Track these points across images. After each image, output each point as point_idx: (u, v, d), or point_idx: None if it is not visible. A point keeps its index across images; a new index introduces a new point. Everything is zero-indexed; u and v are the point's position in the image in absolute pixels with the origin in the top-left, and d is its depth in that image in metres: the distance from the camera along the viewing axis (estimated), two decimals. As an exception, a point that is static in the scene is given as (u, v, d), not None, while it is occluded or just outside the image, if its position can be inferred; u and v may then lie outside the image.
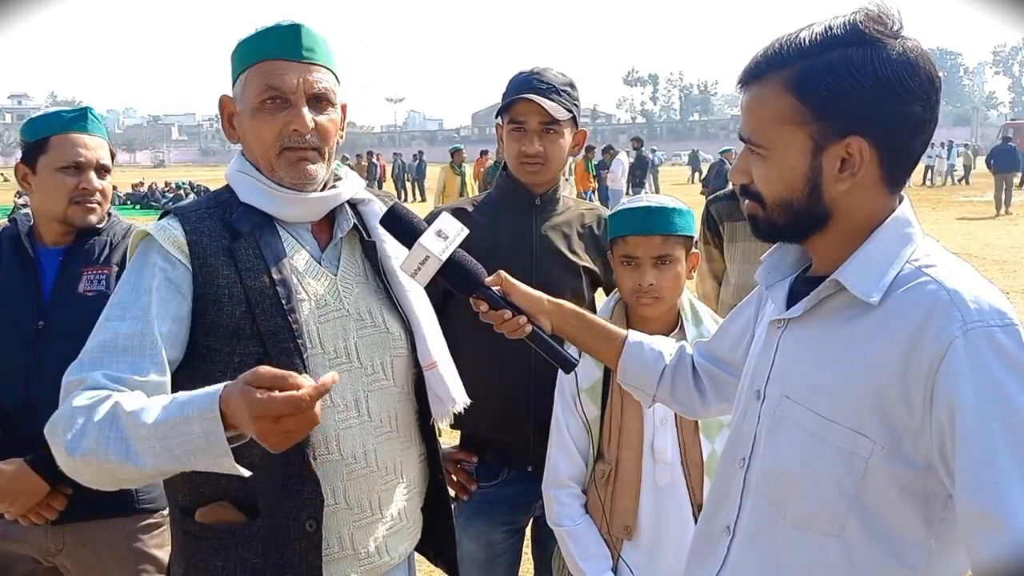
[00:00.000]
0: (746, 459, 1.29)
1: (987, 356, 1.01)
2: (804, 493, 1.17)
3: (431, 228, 1.49)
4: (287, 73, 1.52)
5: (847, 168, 1.14)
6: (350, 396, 1.56)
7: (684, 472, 1.91)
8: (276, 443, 1.20)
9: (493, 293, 1.55)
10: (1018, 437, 0.98)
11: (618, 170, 17.28)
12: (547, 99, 2.09)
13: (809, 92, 1.12)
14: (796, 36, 1.15)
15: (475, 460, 2.23)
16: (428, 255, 1.46)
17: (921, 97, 1.12)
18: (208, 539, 1.50)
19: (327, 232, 1.65)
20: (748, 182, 1.24)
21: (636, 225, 1.94)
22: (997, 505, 0.96)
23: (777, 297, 1.30)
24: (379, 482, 1.59)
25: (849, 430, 1.12)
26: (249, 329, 1.48)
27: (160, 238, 1.49)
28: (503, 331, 1.56)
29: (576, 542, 1.96)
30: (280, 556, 1.49)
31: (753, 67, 1.19)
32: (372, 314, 1.63)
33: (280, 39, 1.53)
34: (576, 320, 1.63)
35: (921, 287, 1.10)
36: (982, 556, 0.98)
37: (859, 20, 1.12)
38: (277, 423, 1.17)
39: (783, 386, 1.24)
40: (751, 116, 1.20)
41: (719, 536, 1.33)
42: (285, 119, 1.52)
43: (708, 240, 3.25)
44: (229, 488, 1.48)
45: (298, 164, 1.55)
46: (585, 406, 1.99)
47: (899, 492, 1.10)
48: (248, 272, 1.50)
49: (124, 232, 2.21)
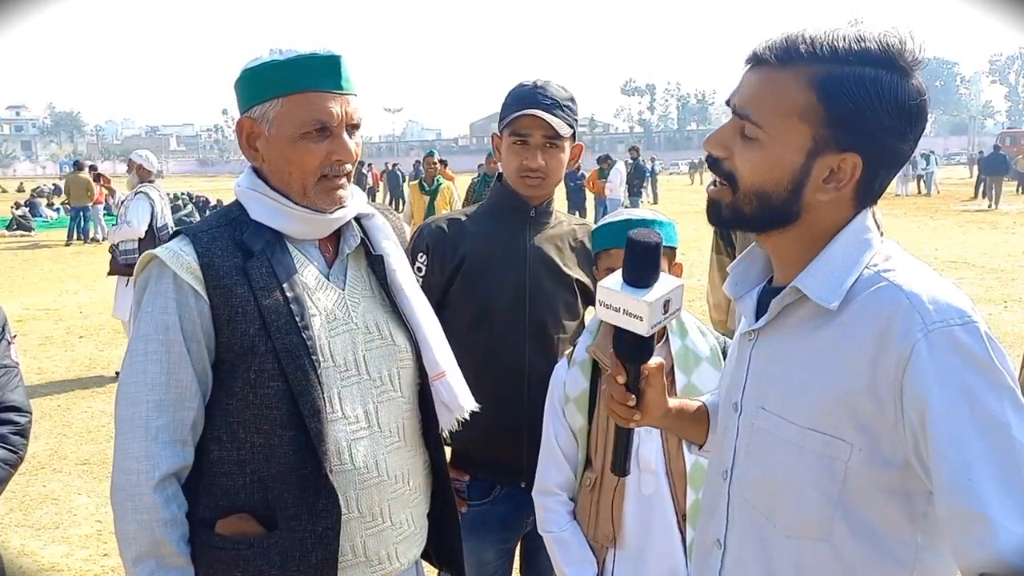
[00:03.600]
0: (728, 472, 1.30)
1: (950, 356, 1.03)
2: (790, 501, 1.19)
3: (660, 293, 1.28)
4: (332, 106, 1.55)
5: (832, 180, 1.15)
6: (360, 408, 1.61)
7: (669, 482, 1.93)
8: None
9: (640, 374, 1.38)
10: (987, 433, 1.00)
11: (616, 179, 17.45)
12: (552, 114, 2.10)
13: (832, 96, 1.11)
14: (830, 36, 1.13)
15: (467, 479, 2.21)
16: (640, 318, 1.27)
17: (915, 137, 1.15)
18: (227, 550, 1.53)
19: (333, 247, 1.68)
20: (725, 157, 1.20)
21: (619, 238, 1.93)
22: (974, 501, 0.98)
23: (746, 309, 1.31)
24: (389, 490, 1.64)
25: (826, 436, 1.13)
26: (264, 345, 1.52)
27: (173, 265, 1.51)
28: (611, 408, 1.41)
29: (562, 548, 1.99)
30: (298, 567, 1.53)
31: (780, 50, 1.14)
32: (379, 327, 1.67)
33: (323, 70, 1.56)
34: (676, 413, 1.49)
35: (881, 292, 1.11)
36: (965, 552, 1.00)
37: (892, 45, 1.12)
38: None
39: (758, 397, 1.25)
40: (760, 95, 1.16)
41: (711, 550, 1.33)
42: (328, 148, 1.56)
43: (720, 249, 3.20)
44: (249, 501, 1.54)
45: (334, 192, 1.60)
46: (572, 415, 2.01)
47: (881, 492, 1.12)
48: (262, 290, 1.53)
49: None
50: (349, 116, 1.58)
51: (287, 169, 1.58)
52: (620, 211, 2.03)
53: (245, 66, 1.61)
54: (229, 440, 1.55)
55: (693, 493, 1.91)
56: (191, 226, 1.61)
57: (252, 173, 1.64)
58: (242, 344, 1.52)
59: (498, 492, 2.23)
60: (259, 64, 1.58)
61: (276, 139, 1.57)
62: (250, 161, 1.65)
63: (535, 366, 2.15)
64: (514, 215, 2.22)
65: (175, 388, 1.51)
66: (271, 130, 1.57)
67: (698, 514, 1.90)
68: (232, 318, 1.52)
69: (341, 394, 1.58)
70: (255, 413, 1.54)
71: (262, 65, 1.57)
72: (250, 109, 1.59)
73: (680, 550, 1.92)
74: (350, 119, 1.58)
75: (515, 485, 2.19)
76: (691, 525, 1.91)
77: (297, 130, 1.55)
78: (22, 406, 1.91)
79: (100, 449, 5.58)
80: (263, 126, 1.58)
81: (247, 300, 1.52)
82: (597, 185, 17.77)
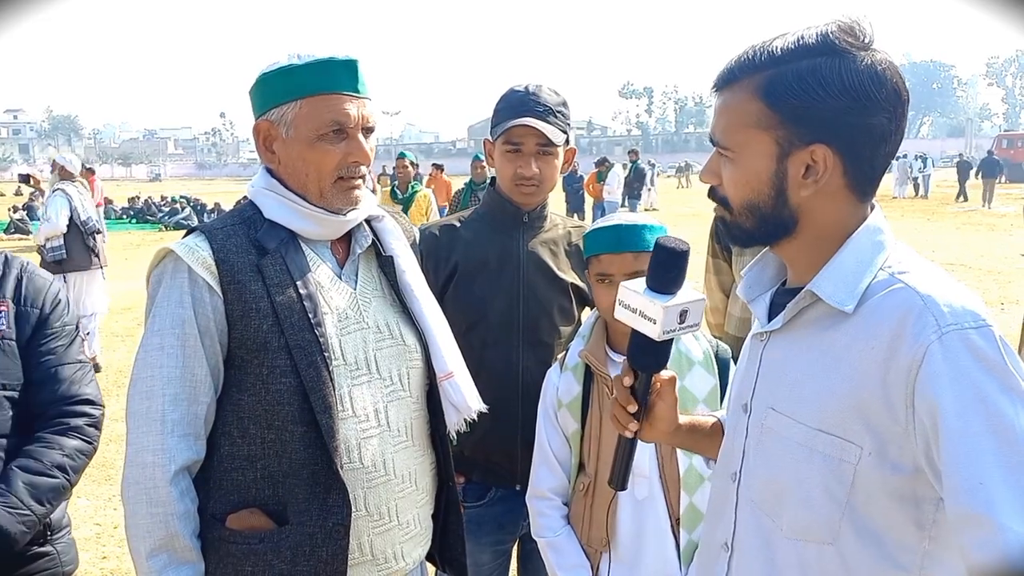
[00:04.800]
0: (737, 474, 1.30)
1: (964, 358, 1.03)
2: (797, 503, 1.18)
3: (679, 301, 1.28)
4: (349, 108, 1.59)
5: (811, 174, 1.16)
6: (371, 407, 1.63)
7: (663, 486, 1.93)
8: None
9: (649, 383, 1.37)
10: (1000, 436, 0.99)
11: (614, 182, 17.49)
12: (545, 122, 2.10)
13: (777, 98, 1.15)
14: (770, 43, 1.18)
15: (462, 481, 2.21)
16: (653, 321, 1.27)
17: (887, 109, 1.14)
18: (238, 544, 1.55)
19: (345, 248, 1.71)
20: (718, 183, 1.26)
21: (609, 243, 1.96)
22: (984, 504, 0.97)
23: (759, 311, 1.32)
24: (396, 490, 1.65)
25: (835, 438, 1.13)
26: (277, 342, 1.54)
27: (189, 260, 1.53)
28: (614, 414, 1.41)
29: (556, 553, 1.99)
30: (307, 562, 1.54)
31: (726, 72, 1.21)
32: (390, 327, 1.69)
33: (340, 73, 1.59)
34: (688, 429, 1.50)
35: (895, 293, 1.11)
36: (974, 555, 0.99)
37: (830, 31, 1.14)
38: None
39: (768, 398, 1.25)
40: (721, 119, 1.22)
41: (718, 553, 1.33)
42: (345, 150, 1.59)
43: (717, 253, 3.22)
44: (260, 496, 1.56)
45: (350, 192, 1.63)
46: (565, 420, 2.01)
47: (889, 497, 1.11)
48: (276, 287, 1.55)
49: (5, 262, 1.98)
50: (365, 119, 1.61)
51: (304, 170, 1.61)
52: (612, 216, 2.03)
53: (262, 71, 1.63)
54: (240, 435, 1.57)
55: (687, 497, 1.91)
56: (206, 223, 1.64)
57: (267, 174, 1.67)
58: (255, 340, 1.54)
59: (493, 494, 2.23)
60: (278, 68, 1.60)
61: (294, 141, 1.60)
62: (267, 163, 1.67)
63: (529, 370, 2.15)
64: (507, 220, 2.22)
65: (190, 382, 1.53)
66: (289, 132, 1.60)
67: (692, 518, 1.91)
68: (246, 313, 1.54)
69: (352, 392, 1.60)
70: (266, 408, 1.55)
71: (281, 69, 1.60)
72: (267, 112, 1.61)
73: (674, 554, 1.92)
74: (366, 122, 1.62)
75: (510, 487, 2.20)
76: (685, 529, 1.91)
77: (315, 131, 1.57)
78: (95, 399, 2.01)
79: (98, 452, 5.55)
80: (280, 128, 1.61)
81: (261, 296, 1.54)
82: (595, 189, 17.85)
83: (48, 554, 1.97)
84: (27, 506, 1.79)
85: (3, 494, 1.79)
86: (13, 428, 1.88)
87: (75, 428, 1.94)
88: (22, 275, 1.97)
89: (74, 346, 2.01)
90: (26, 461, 1.84)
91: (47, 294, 1.99)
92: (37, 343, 1.94)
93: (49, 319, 1.97)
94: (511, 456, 2.17)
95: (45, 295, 1.98)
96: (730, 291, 3.27)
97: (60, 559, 2.00)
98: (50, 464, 1.86)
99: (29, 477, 1.82)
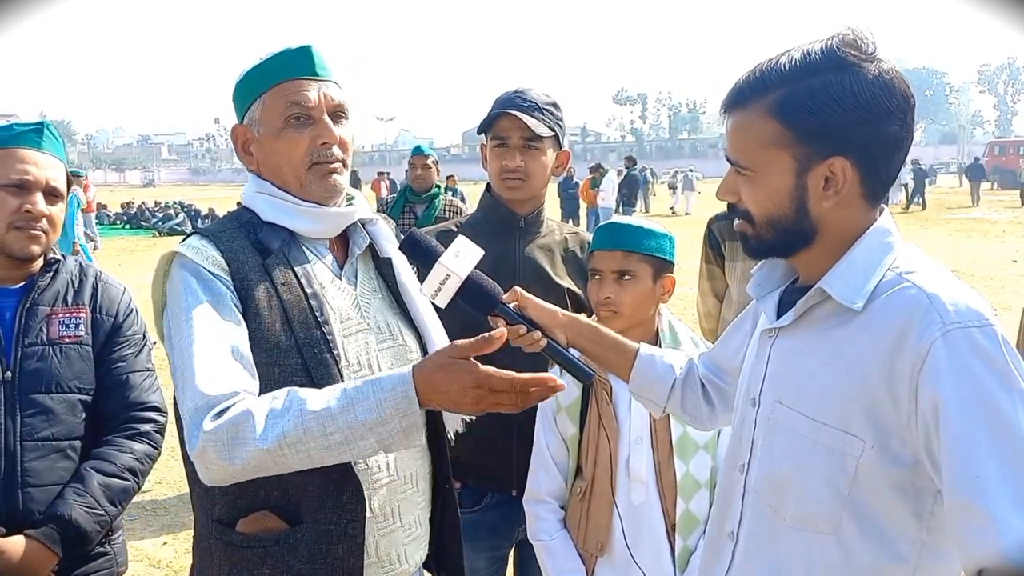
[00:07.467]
0: (745, 465, 1.34)
1: (967, 355, 1.06)
2: (800, 494, 1.22)
3: (450, 249, 1.51)
4: (308, 89, 1.57)
5: (831, 186, 1.19)
6: None
7: (659, 492, 1.94)
8: (480, 408, 1.42)
9: (510, 309, 1.56)
10: (998, 431, 1.03)
11: (608, 188, 17.58)
12: (529, 115, 2.12)
13: (792, 117, 1.18)
14: (776, 63, 1.21)
15: (458, 486, 2.20)
16: (449, 274, 1.49)
17: (898, 117, 1.17)
18: (253, 548, 1.53)
19: (343, 250, 1.72)
20: (736, 200, 1.29)
21: (602, 240, 2.01)
22: (980, 497, 1.01)
23: (768, 308, 1.36)
24: (398, 491, 1.65)
25: (839, 431, 1.17)
26: (287, 341, 1.53)
27: (200, 260, 1.52)
28: (519, 345, 1.56)
29: (552, 556, 2.00)
30: (324, 560, 1.53)
31: (736, 94, 1.24)
32: (390, 328, 1.70)
33: (294, 59, 1.59)
34: (590, 333, 1.65)
35: (902, 292, 1.15)
36: (969, 546, 1.03)
37: (836, 46, 1.17)
38: (493, 394, 1.40)
39: (776, 392, 1.29)
40: (737, 140, 1.25)
41: (724, 543, 1.37)
42: (312, 134, 1.58)
43: (710, 259, 3.25)
44: (268, 498, 1.54)
45: (328, 177, 1.61)
46: (563, 424, 2.02)
47: (890, 489, 1.15)
48: (283, 286, 1.55)
49: (80, 270, 2.03)
50: (328, 98, 1.59)
51: (278, 163, 1.60)
52: (614, 216, 2.07)
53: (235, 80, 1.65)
54: None
55: (683, 503, 1.92)
56: (206, 227, 1.63)
57: (256, 178, 1.67)
58: (268, 339, 1.52)
59: (489, 500, 2.23)
60: (244, 72, 1.64)
61: (265, 137, 1.60)
62: (248, 168, 1.67)
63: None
64: (503, 225, 2.23)
65: (238, 325, 1.48)
66: (260, 130, 1.61)
67: (688, 524, 1.92)
68: (258, 312, 1.53)
69: None
70: None
71: (246, 73, 1.63)
72: (242, 117, 1.64)
73: (669, 560, 1.93)
74: (330, 101, 1.60)
75: (506, 493, 2.20)
76: (680, 535, 1.92)
77: (279, 120, 1.57)
78: (161, 406, 2.07)
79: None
80: (253, 129, 1.62)
81: (271, 295, 1.54)
82: (589, 195, 17.88)
83: (106, 554, 2.01)
84: (102, 507, 1.85)
85: (81, 493, 1.84)
86: (86, 431, 1.93)
87: (144, 433, 2.00)
88: (97, 283, 2.04)
89: (143, 354, 2.08)
90: (99, 463, 1.90)
91: (120, 303, 2.06)
92: (109, 350, 2.00)
93: (122, 327, 2.04)
94: (508, 459, 2.17)
95: (119, 304, 2.05)
96: (723, 296, 3.28)
97: (116, 559, 2.05)
98: (122, 467, 1.92)
99: (103, 479, 1.88)
